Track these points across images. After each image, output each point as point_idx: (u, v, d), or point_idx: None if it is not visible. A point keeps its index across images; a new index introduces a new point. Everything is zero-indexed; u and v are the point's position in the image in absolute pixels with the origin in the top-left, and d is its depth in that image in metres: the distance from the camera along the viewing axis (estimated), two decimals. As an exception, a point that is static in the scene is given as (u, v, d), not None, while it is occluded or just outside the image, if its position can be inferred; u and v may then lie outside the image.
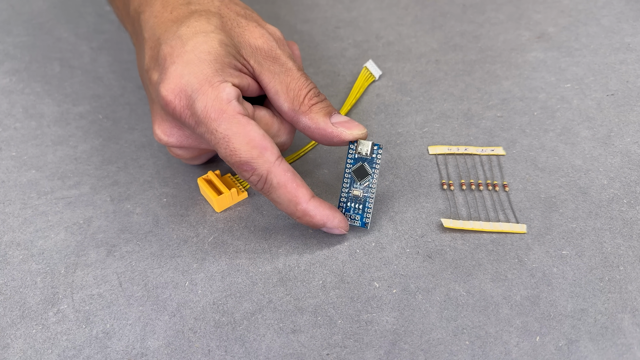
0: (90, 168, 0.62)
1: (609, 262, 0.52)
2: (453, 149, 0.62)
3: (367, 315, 0.49)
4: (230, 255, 0.54)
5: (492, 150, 0.62)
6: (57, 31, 0.83)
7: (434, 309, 0.49)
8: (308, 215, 0.52)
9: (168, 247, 0.55)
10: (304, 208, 0.52)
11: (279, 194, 0.51)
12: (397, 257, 0.53)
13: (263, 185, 0.51)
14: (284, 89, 0.54)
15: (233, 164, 0.50)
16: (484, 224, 0.55)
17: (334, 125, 0.54)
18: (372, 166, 0.54)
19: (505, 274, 0.51)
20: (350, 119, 0.54)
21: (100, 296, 0.51)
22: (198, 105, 0.49)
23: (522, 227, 0.55)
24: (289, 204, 0.51)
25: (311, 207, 0.52)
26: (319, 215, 0.52)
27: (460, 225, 0.54)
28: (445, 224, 0.54)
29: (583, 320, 0.48)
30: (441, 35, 0.80)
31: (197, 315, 0.50)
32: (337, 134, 0.54)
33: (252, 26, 0.55)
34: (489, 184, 0.58)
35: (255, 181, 0.51)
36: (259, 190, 0.51)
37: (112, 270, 0.53)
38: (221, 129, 0.49)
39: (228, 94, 0.50)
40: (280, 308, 0.50)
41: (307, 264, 0.53)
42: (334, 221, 0.53)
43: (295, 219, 0.53)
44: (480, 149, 0.61)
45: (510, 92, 0.69)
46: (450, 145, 0.62)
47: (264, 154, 0.50)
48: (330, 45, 0.79)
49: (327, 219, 0.53)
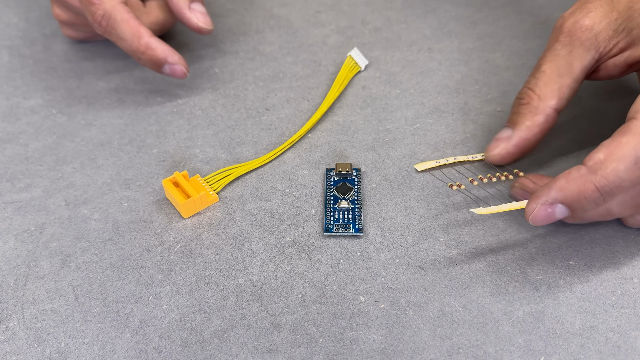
0: (43, 169, 0.62)
1: (621, 274, 0.52)
2: (442, 161, 0.61)
3: (351, 333, 0.49)
4: (199, 266, 0.54)
5: (482, 156, 0.61)
6: (6, 16, 0.82)
7: (427, 326, 0.49)
8: (151, 48, 0.63)
9: (129, 257, 0.54)
10: (147, 41, 0.63)
11: (123, 29, 0.63)
12: (385, 268, 0.53)
13: (108, 21, 0.62)
14: None
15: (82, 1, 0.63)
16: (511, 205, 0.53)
17: (190, 9, 0.66)
18: (354, 184, 0.55)
19: (506, 287, 0.51)
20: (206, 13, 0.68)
21: (54, 312, 0.51)
22: None
23: None
24: (132, 38, 0.63)
25: (153, 40, 0.64)
26: (160, 49, 0.64)
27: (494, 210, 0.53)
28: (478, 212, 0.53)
29: (593, 339, 0.48)
30: (434, 20, 0.80)
31: (161, 333, 0.49)
32: (187, 17, 0.66)
33: None
34: (500, 176, 0.58)
35: (100, 17, 0.62)
36: (102, 29, 0.63)
37: (67, 282, 0.53)
38: None
39: None
40: (255, 325, 0.49)
41: (284, 276, 0.53)
42: (174, 56, 0.65)
43: (139, 56, 0.64)
44: (470, 157, 0.61)
45: (512, 83, 0.69)
46: (438, 160, 0.62)
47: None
48: (311, 32, 0.78)
49: (169, 54, 0.64)
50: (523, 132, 0.56)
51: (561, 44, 0.56)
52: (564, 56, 0.56)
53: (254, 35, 0.78)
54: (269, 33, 0.78)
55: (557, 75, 0.56)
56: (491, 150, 0.58)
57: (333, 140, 0.64)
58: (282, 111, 0.67)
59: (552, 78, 0.56)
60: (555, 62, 0.56)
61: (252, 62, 0.74)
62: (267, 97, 0.69)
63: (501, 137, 0.58)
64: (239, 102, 0.69)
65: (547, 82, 0.56)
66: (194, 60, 0.74)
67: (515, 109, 0.57)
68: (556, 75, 0.56)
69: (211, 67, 0.73)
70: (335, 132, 0.65)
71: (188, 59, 0.73)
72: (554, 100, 0.55)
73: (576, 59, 0.55)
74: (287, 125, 0.66)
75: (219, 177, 0.59)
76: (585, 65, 0.55)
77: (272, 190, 0.59)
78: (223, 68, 0.73)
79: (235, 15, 0.80)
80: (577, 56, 0.55)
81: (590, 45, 0.55)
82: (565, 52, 0.55)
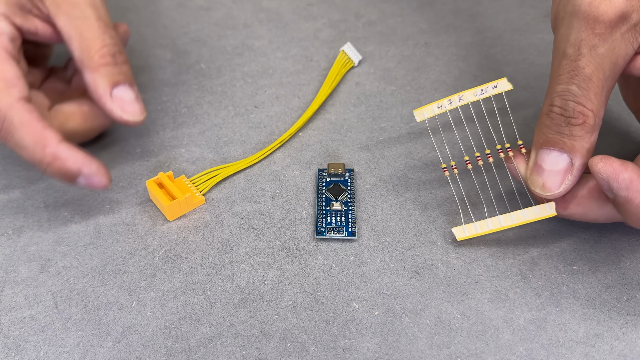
0: (21, 168, 0.62)
1: (627, 279, 0.52)
2: (444, 103, 0.55)
3: (344, 342, 0.49)
4: (185, 271, 0.54)
5: (494, 87, 0.55)
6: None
7: (423, 334, 0.49)
8: (59, 159, 0.52)
9: (112, 262, 0.54)
10: (54, 151, 0.52)
11: (22, 134, 0.51)
12: (379, 273, 0.53)
13: (2, 124, 0.51)
14: (77, 36, 0.55)
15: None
16: (503, 219, 0.53)
17: (112, 97, 0.55)
18: (347, 186, 0.55)
19: (506, 293, 0.51)
20: (135, 99, 0.57)
21: (33, 319, 0.51)
22: None
23: (550, 208, 0.52)
24: (35, 146, 0.51)
25: (62, 148, 0.52)
26: (72, 159, 0.52)
27: (477, 232, 0.54)
28: (457, 236, 0.54)
29: (597, 347, 0.48)
30: (431, 13, 0.80)
31: (145, 341, 0.49)
32: (108, 108, 0.56)
33: None
34: (500, 151, 0.54)
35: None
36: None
37: (46, 288, 0.53)
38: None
39: None
40: (243, 333, 0.49)
41: (274, 282, 0.53)
42: (91, 166, 0.53)
43: (45, 168, 0.53)
44: (480, 89, 0.55)
45: (513, 79, 0.69)
46: (440, 100, 0.55)
47: (10, 90, 0.51)
48: (302, 26, 0.78)
49: (83, 164, 0.53)
50: (585, 158, 0.49)
51: (601, 38, 0.47)
52: (608, 55, 0.48)
53: (242, 29, 0.78)
54: (257, 27, 0.78)
55: (603, 81, 0.48)
56: (554, 186, 0.50)
57: (325, 139, 0.64)
58: (271, 109, 0.67)
59: (599, 85, 0.48)
60: (600, 65, 0.48)
61: (240, 58, 0.74)
62: (256, 94, 0.69)
63: (561, 169, 0.49)
64: (227, 99, 0.69)
65: (597, 93, 0.48)
66: (179, 55, 0.74)
67: (565, 129, 0.49)
68: (603, 81, 0.48)
69: (197, 62, 0.73)
70: (327, 131, 0.65)
71: (173, 55, 0.73)
72: (602, 110, 0.49)
73: (620, 57, 0.48)
74: (277, 124, 0.65)
75: (206, 178, 0.59)
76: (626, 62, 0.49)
77: (261, 192, 0.59)
78: (210, 64, 0.73)
79: (222, 8, 0.80)
80: (621, 53, 0.48)
81: (631, 37, 0.48)
82: (608, 49, 0.48)
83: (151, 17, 0.78)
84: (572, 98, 0.48)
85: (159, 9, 0.80)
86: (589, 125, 0.48)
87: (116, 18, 0.71)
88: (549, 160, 0.50)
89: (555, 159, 0.50)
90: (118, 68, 0.55)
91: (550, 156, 0.50)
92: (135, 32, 0.75)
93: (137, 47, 0.74)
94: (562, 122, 0.49)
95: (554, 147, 0.49)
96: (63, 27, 0.55)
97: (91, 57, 0.54)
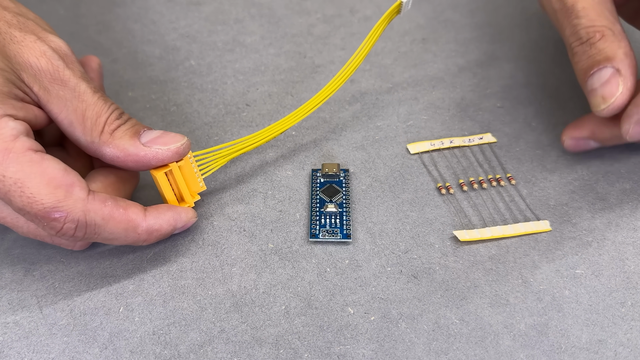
0: (3, 169, 0.61)
1: (632, 284, 0.52)
2: (436, 143, 0.62)
3: (339, 348, 0.49)
4: (174, 275, 0.54)
5: (480, 139, 0.62)
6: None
7: (421, 339, 0.49)
8: (154, 231, 0.51)
9: (98, 265, 0.54)
10: (146, 228, 0.51)
11: (109, 229, 0.49)
12: (375, 277, 0.53)
13: (85, 230, 0.48)
14: (80, 118, 0.51)
15: (36, 216, 0.46)
16: (503, 228, 0.55)
17: (145, 145, 0.51)
18: (342, 186, 0.55)
19: (506, 298, 0.51)
20: (164, 132, 0.53)
21: (17, 324, 0.51)
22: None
23: (545, 225, 0.55)
24: (127, 233, 0.50)
25: (152, 220, 0.51)
26: (165, 224, 0.52)
27: (478, 236, 0.54)
28: (460, 237, 0.54)
29: (601, 354, 0.48)
30: (429, 8, 0.80)
31: (133, 347, 0.49)
32: (152, 155, 0.52)
33: (30, 40, 0.51)
34: (492, 180, 0.58)
35: (71, 230, 0.47)
36: (80, 238, 0.49)
37: (30, 292, 0.53)
38: (9, 172, 0.45)
39: (12, 129, 0.47)
40: (235, 339, 0.50)
41: (266, 286, 0.53)
42: (181, 218, 0.53)
43: (142, 243, 0.52)
44: (467, 139, 0.62)
45: (513, 77, 0.69)
46: (432, 140, 0.62)
47: (73, 191, 0.47)
48: (295, 21, 0.78)
49: (175, 221, 0.53)
50: (626, 61, 0.53)
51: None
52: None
53: (233, 24, 0.78)
54: (249, 22, 0.78)
55: (599, 3, 0.55)
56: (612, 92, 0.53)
57: (319, 138, 0.64)
58: (263, 107, 0.67)
59: (597, 8, 0.55)
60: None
61: (231, 54, 0.74)
62: (248, 91, 0.69)
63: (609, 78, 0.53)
64: (217, 97, 0.69)
65: (600, 13, 0.55)
66: (168, 51, 0.74)
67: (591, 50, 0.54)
68: (598, 3, 0.55)
69: (187, 59, 0.73)
70: (321, 130, 0.65)
71: (162, 51, 0.73)
72: (617, 25, 0.55)
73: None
74: (269, 122, 0.65)
75: (211, 158, 0.56)
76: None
77: (253, 193, 0.59)
78: (200, 60, 0.73)
79: (212, 2, 0.80)
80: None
81: None
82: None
83: (139, 12, 0.78)
84: (580, 28, 0.55)
85: (148, 3, 0.80)
86: (609, 36, 0.53)
87: (103, 13, 0.71)
88: (596, 79, 0.54)
89: (598, 75, 0.54)
90: (128, 122, 0.53)
91: (594, 77, 0.54)
92: (123, 27, 0.76)
93: (125, 43, 0.74)
94: (586, 48, 0.54)
95: (593, 69, 0.54)
96: (59, 114, 0.51)
97: (104, 133, 0.51)
